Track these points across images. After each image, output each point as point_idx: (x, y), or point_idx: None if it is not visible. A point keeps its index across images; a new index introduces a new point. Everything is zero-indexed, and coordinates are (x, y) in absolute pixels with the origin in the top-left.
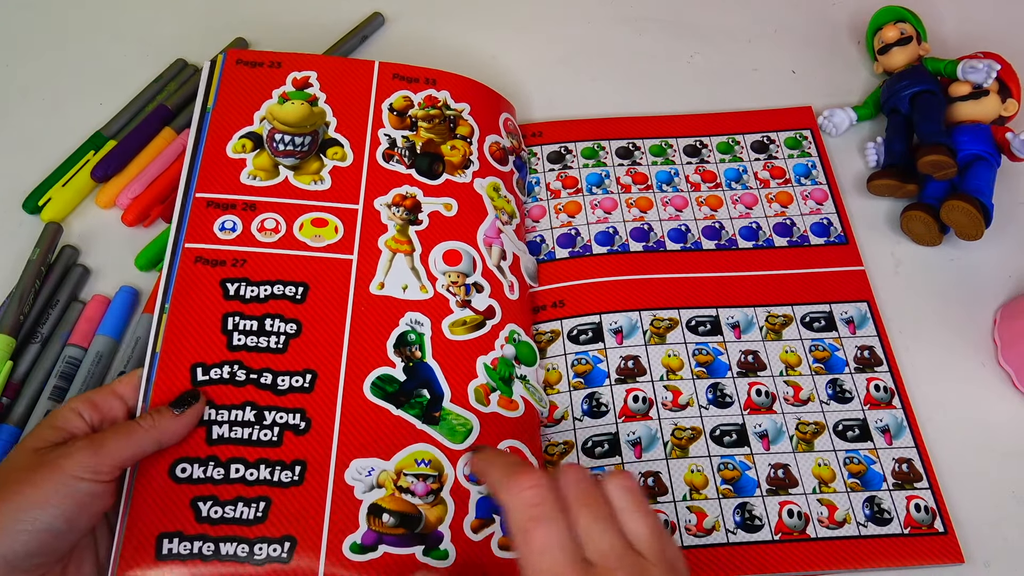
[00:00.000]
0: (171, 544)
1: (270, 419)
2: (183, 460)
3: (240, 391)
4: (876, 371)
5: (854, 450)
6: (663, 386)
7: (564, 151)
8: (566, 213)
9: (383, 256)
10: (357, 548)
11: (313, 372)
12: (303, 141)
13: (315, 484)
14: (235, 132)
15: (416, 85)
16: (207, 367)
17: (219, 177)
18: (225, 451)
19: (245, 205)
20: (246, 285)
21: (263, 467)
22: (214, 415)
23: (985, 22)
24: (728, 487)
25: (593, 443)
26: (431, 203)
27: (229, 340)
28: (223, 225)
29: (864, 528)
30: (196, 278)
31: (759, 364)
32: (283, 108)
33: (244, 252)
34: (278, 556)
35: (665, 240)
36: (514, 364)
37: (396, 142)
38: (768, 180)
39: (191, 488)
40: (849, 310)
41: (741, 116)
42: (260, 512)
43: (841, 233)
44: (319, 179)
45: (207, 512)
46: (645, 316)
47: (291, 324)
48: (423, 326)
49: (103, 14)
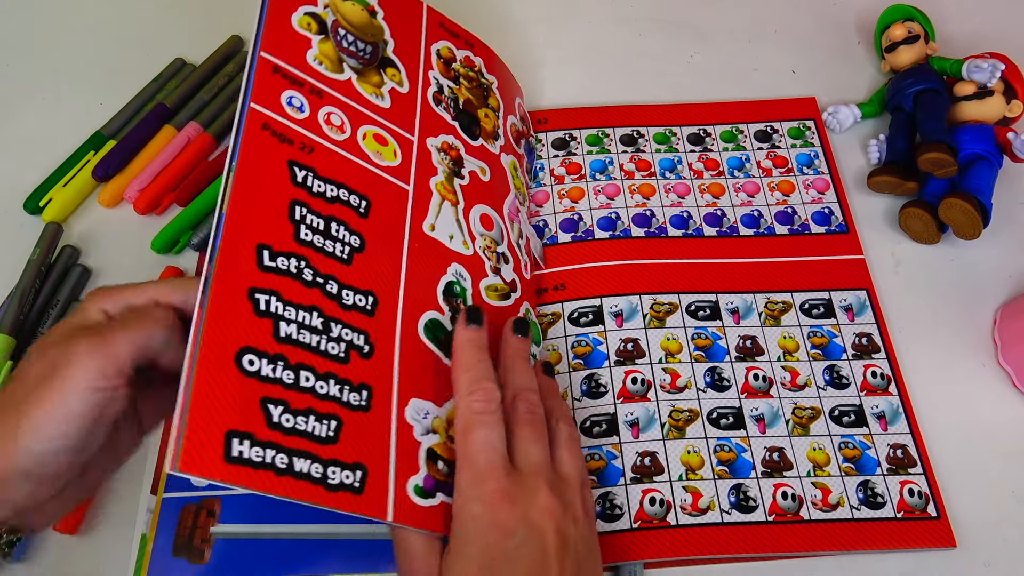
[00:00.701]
0: (242, 446)
1: (337, 332)
2: (250, 350)
3: (308, 292)
4: (873, 358)
5: (849, 435)
6: (662, 368)
7: (568, 138)
8: (569, 198)
9: (434, 198)
10: (420, 491)
11: (374, 295)
12: (365, 48)
13: (381, 413)
14: (300, 5)
15: (458, 41)
16: (274, 253)
17: (285, 46)
18: (294, 353)
19: (312, 89)
20: (314, 177)
21: (332, 382)
22: (282, 309)
23: (994, 22)
24: (724, 468)
25: (592, 423)
26: (471, 162)
27: (296, 231)
28: (290, 100)
29: (857, 511)
30: (263, 147)
31: (757, 349)
32: (345, 4)
33: (312, 140)
34: (351, 484)
35: (667, 226)
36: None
37: (444, 89)
38: (771, 169)
39: (261, 385)
40: (848, 298)
41: (745, 105)
42: (332, 431)
43: (842, 222)
44: (380, 94)
45: (279, 418)
46: (645, 300)
47: (355, 237)
48: (466, 281)
49: (102, 14)
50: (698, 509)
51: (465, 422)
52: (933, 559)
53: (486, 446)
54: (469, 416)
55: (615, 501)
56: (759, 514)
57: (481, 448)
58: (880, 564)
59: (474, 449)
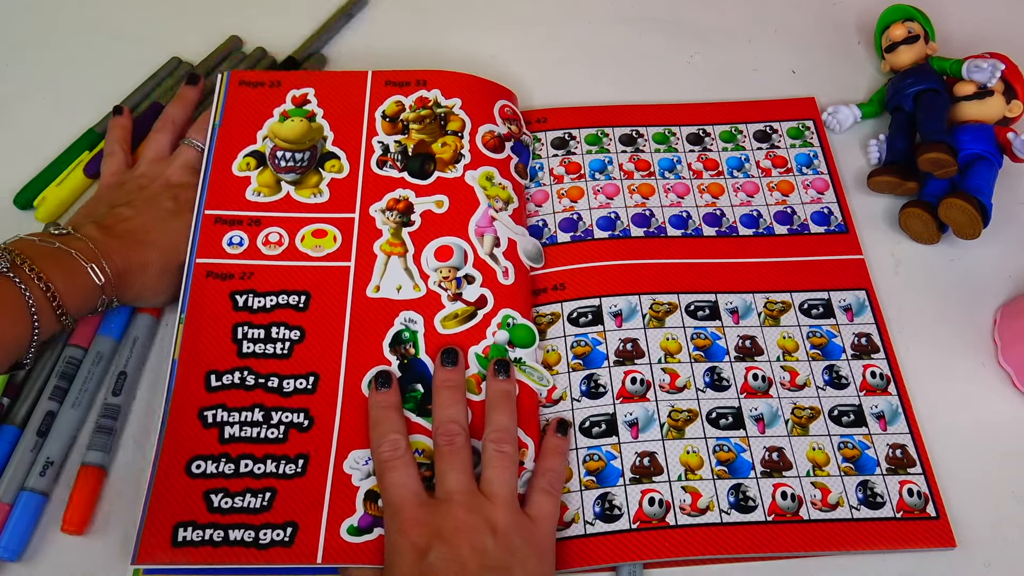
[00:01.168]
0: (185, 532)
1: (276, 419)
2: (199, 458)
3: (250, 395)
4: (872, 358)
5: (848, 435)
6: (661, 369)
7: (568, 137)
8: (568, 198)
9: (378, 260)
10: (354, 531)
11: (316, 374)
12: (303, 157)
13: (316, 474)
14: (240, 151)
15: (407, 88)
16: (219, 373)
17: (226, 194)
18: (236, 448)
19: (251, 220)
20: (253, 296)
21: (269, 461)
22: (226, 417)
23: (994, 22)
24: (723, 468)
25: (591, 423)
26: (423, 203)
27: (239, 348)
28: (231, 240)
29: (857, 511)
30: (207, 291)
31: (756, 349)
32: (284, 126)
33: (251, 265)
34: (281, 540)
35: (666, 226)
36: (507, 349)
37: (389, 148)
38: (770, 169)
39: (204, 482)
40: (847, 298)
41: (744, 106)
42: (266, 501)
43: (841, 222)
44: (318, 192)
45: (218, 503)
46: (645, 300)
47: (295, 331)
48: (416, 324)
49: (99, 13)
50: (697, 509)
51: (379, 470)
52: (933, 559)
53: (397, 485)
54: (380, 465)
55: (614, 501)
56: (758, 514)
57: (393, 488)
58: (880, 564)
59: (388, 490)
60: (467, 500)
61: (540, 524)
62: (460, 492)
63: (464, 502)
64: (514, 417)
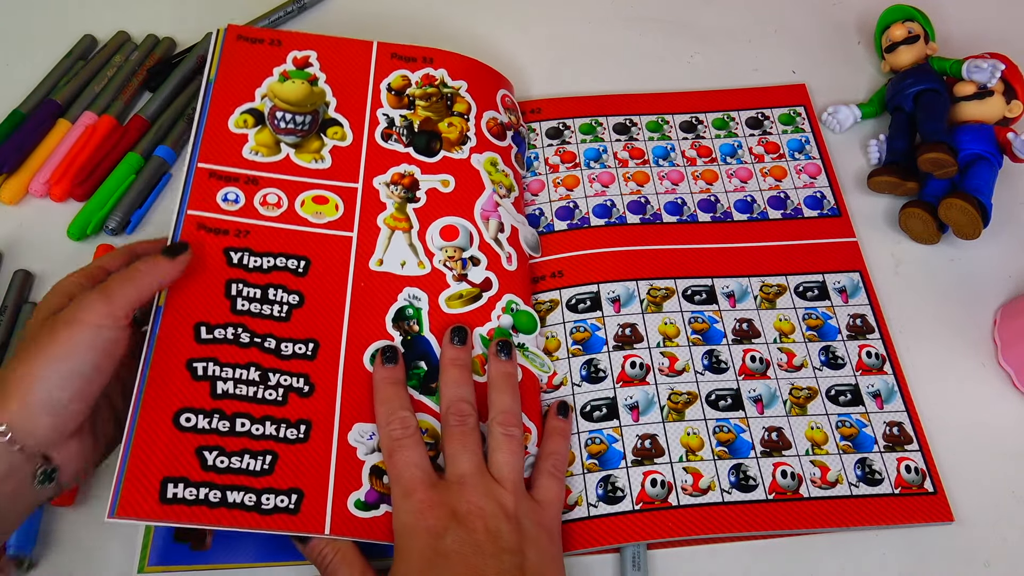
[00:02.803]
0: (176, 488)
1: (275, 380)
2: (187, 410)
3: (245, 352)
4: (868, 338)
5: (846, 414)
6: (660, 352)
7: (563, 127)
8: (564, 187)
9: (382, 233)
10: (361, 505)
11: (316, 341)
12: (304, 120)
13: (320, 443)
14: (236, 107)
15: (414, 64)
16: (211, 327)
17: (221, 150)
18: (231, 406)
19: (248, 179)
20: (249, 255)
21: (268, 423)
22: (219, 371)
23: (994, 22)
24: (723, 449)
25: (592, 407)
26: (429, 180)
27: (233, 304)
28: (226, 196)
29: (856, 488)
30: (199, 243)
31: (753, 332)
32: (284, 86)
33: (247, 224)
34: (286, 507)
35: (661, 213)
36: (511, 333)
37: (394, 121)
38: (762, 155)
39: (196, 437)
40: (842, 279)
41: (736, 93)
42: (267, 465)
43: (834, 206)
44: (320, 158)
45: (213, 461)
46: (642, 286)
47: (294, 295)
48: (420, 301)
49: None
50: (699, 489)
51: (388, 448)
52: (933, 559)
53: (408, 465)
54: (390, 443)
55: (617, 484)
56: (759, 493)
57: (404, 467)
58: (881, 562)
59: (399, 469)
60: (479, 483)
61: (547, 507)
62: (472, 475)
63: (476, 484)
64: (517, 399)
